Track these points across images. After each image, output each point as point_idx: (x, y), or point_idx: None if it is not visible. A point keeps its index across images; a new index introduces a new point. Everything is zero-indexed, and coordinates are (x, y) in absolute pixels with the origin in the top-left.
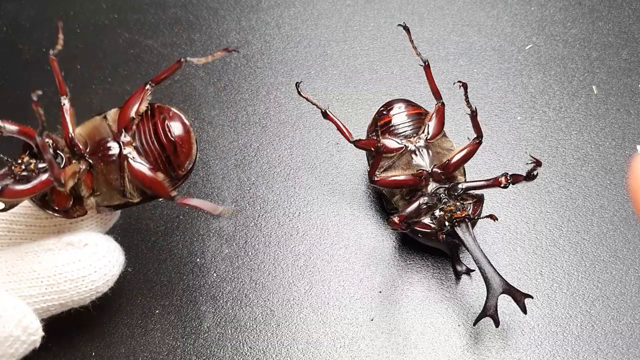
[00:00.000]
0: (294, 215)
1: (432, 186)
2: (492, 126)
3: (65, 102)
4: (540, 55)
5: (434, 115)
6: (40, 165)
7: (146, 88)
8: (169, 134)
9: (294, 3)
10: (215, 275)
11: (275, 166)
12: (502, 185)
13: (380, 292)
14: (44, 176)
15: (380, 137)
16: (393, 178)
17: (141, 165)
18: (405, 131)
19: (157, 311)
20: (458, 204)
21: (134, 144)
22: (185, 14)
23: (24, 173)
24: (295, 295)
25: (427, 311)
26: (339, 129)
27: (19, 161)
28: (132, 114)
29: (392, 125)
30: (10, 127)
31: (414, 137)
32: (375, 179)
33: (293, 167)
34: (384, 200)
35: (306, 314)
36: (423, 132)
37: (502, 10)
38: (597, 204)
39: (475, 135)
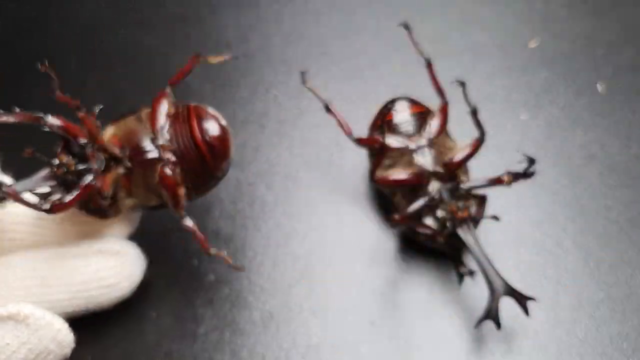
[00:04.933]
0: (294, 216)
1: (434, 186)
2: (495, 125)
3: (83, 113)
4: (545, 53)
5: (437, 113)
6: (80, 167)
7: (166, 91)
8: (205, 136)
9: (294, 0)
10: (212, 277)
11: (275, 166)
12: (504, 183)
13: (382, 294)
14: (86, 181)
15: (385, 135)
16: (394, 177)
17: (172, 177)
18: (407, 130)
19: (154, 314)
20: (460, 204)
21: (172, 148)
22: (184, 11)
23: (67, 177)
24: (294, 298)
25: (429, 314)
26: (339, 124)
27: (59, 162)
28: (163, 119)
29: (394, 124)
30: (54, 122)
31: (416, 135)
32: (377, 178)
33: (292, 167)
34: (386, 200)
35: (306, 317)
36: (425, 130)
37: (506, 7)
38: (602, 204)
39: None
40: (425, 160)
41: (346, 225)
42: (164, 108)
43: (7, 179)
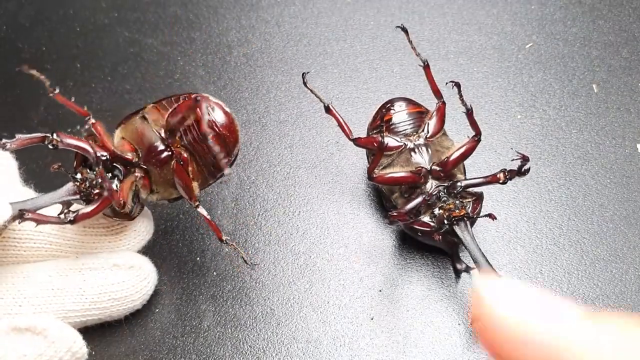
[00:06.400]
0: (294, 214)
1: (431, 184)
2: (492, 125)
3: (92, 121)
4: (541, 54)
5: (434, 113)
6: (100, 180)
7: (194, 104)
8: (214, 127)
9: (294, 1)
10: (215, 273)
11: (275, 165)
12: (500, 181)
13: (381, 290)
14: (105, 193)
15: (384, 135)
16: (392, 175)
17: (185, 171)
18: (405, 129)
19: (157, 310)
20: (457, 202)
21: (182, 143)
22: (185, 13)
23: (89, 189)
24: (295, 294)
25: (427, 310)
26: (339, 125)
27: (81, 176)
28: (178, 121)
29: (392, 124)
30: (67, 141)
31: (414, 135)
32: (374, 176)
33: (293, 166)
34: (384, 199)
35: (306, 313)
36: (423, 130)
37: (503, 9)
38: (597, 202)
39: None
40: (422, 158)
41: (345, 222)
42: (180, 115)
43: (30, 192)
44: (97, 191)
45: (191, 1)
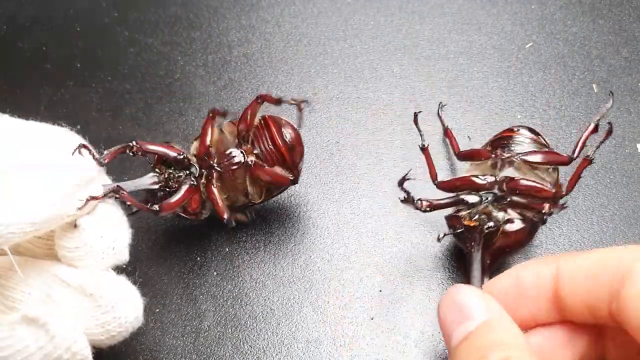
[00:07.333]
0: (294, 214)
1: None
2: (492, 125)
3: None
4: (541, 54)
5: (554, 156)
6: (179, 174)
7: (258, 102)
8: (285, 138)
9: (294, 1)
10: (215, 273)
11: None
12: (543, 211)
13: (381, 291)
14: (187, 185)
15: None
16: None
17: (262, 167)
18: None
19: (157, 310)
20: (496, 212)
21: (254, 151)
22: (185, 13)
23: (168, 182)
24: (295, 294)
25: (427, 310)
26: (429, 166)
27: (166, 174)
28: (248, 125)
29: (510, 142)
30: (147, 147)
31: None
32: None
33: None
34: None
35: (306, 313)
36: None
37: (503, 9)
38: (597, 202)
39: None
40: (503, 172)
41: (346, 223)
42: (248, 118)
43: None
44: (175, 184)
45: (191, 1)
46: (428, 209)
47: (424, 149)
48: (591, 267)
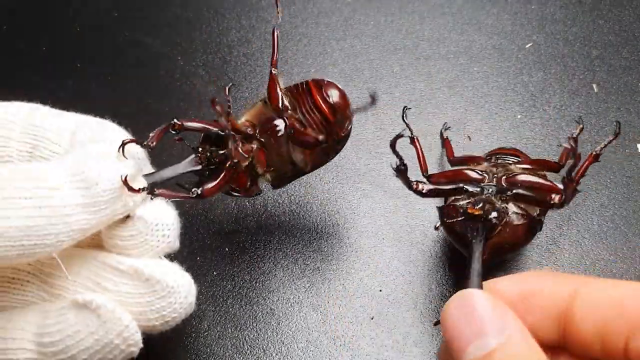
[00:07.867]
0: (294, 214)
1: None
2: (492, 125)
3: (275, 72)
4: (541, 54)
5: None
6: (221, 152)
7: (273, 73)
8: (328, 100)
9: (294, 1)
10: (215, 273)
11: None
12: (552, 201)
13: (381, 290)
14: (228, 162)
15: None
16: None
17: (303, 131)
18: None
19: None
20: (499, 204)
21: (296, 117)
22: (185, 13)
23: (210, 163)
24: (295, 294)
25: (427, 309)
26: (418, 158)
27: (205, 152)
28: (280, 94)
29: (504, 156)
30: (188, 124)
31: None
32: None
33: None
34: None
35: (306, 313)
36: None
37: (503, 9)
38: (597, 202)
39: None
40: (497, 169)
41: (345, 222)
42: (275, 89)
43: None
44: (217, 163)
45: (191, 1)
46: (428, 193)
47: (412, 140)
48: (617, 297)
